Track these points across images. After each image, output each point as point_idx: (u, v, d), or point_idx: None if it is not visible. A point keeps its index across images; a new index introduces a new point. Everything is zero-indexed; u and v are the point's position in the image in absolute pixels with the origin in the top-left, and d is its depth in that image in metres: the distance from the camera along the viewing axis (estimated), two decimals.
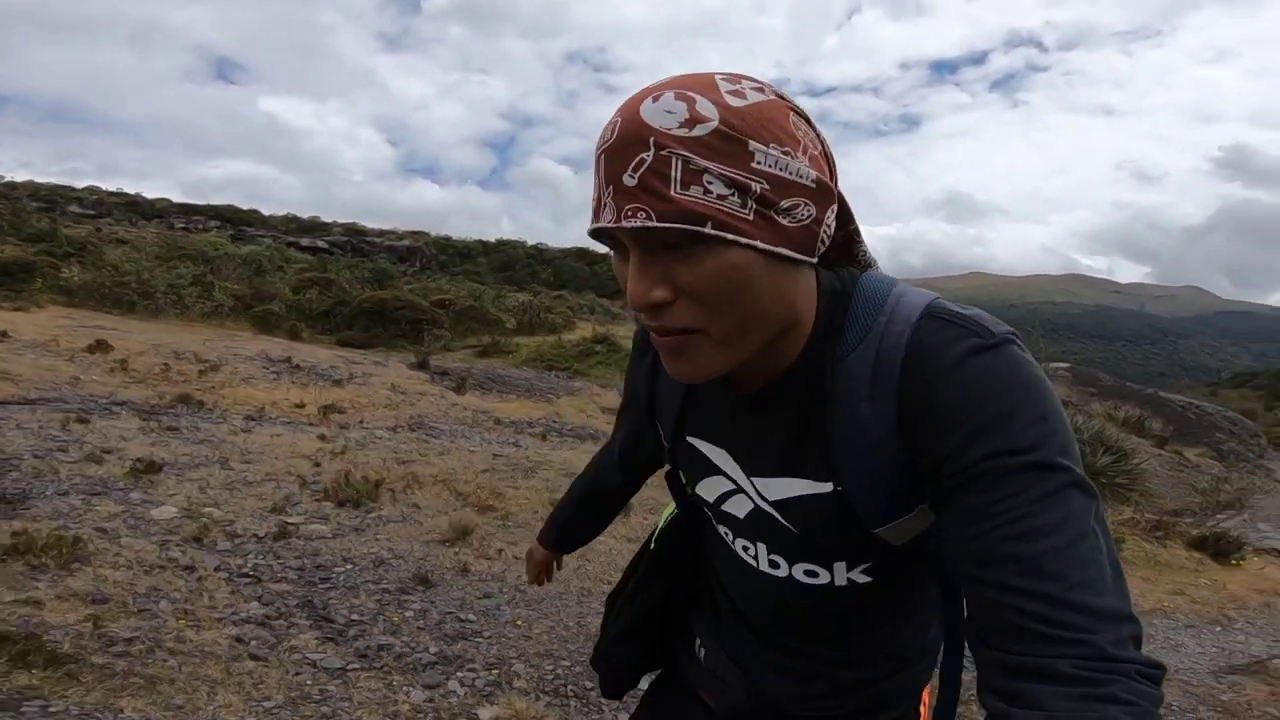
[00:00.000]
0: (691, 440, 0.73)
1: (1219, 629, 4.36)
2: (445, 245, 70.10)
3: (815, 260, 0.58)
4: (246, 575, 2.61)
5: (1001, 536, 0.51)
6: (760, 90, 0.55)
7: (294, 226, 63.47)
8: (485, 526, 3.81)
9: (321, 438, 5.43)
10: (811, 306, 0.61)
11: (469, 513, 4.03)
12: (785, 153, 0.54)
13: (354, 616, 2.44)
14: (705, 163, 0.51)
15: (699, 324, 0.55)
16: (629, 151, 0.52)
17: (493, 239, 74.85)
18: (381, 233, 67.39)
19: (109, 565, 2.41)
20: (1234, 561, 5.90)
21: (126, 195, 59.29)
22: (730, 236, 0.52)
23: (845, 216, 0.64)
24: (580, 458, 6.61)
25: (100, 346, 7.61)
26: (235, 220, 58.97)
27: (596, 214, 0.55)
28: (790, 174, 0.54)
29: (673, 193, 0.51)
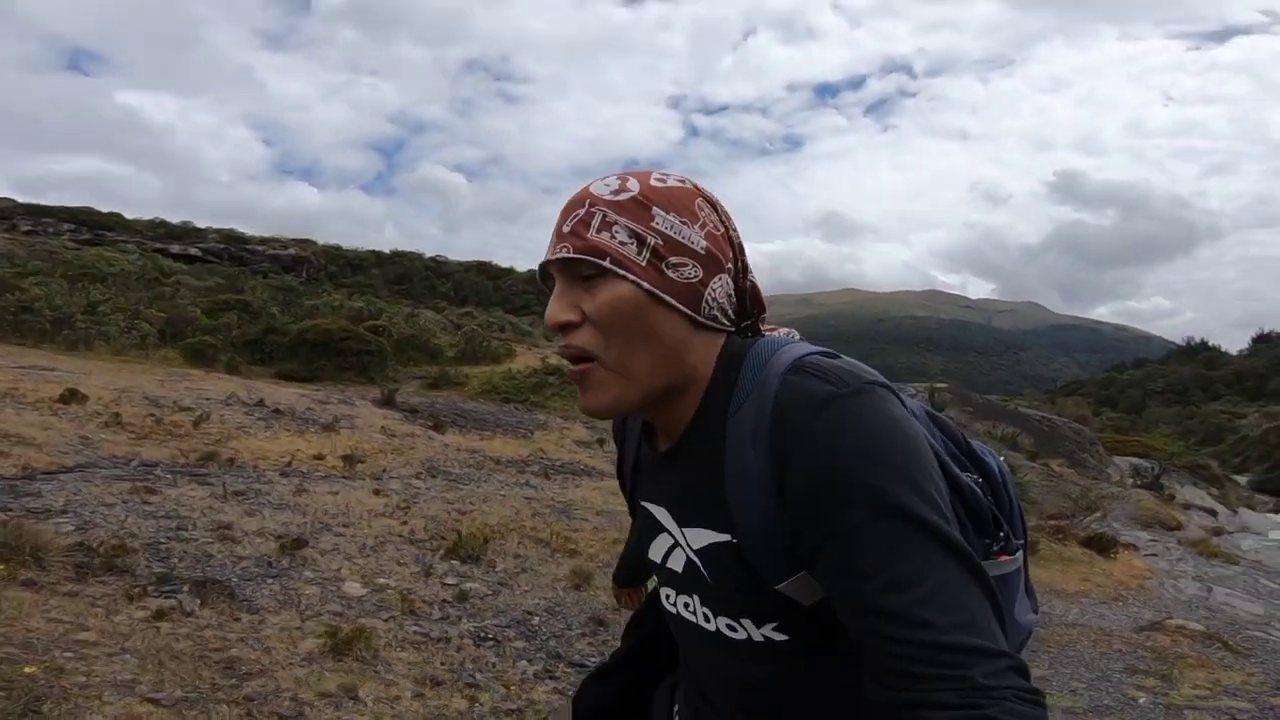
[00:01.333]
0: (643, 504, 0.79)
1: (1120, 603, 5.80)
2: (335, 255, 66.09)
3: (699, 317, 0.66)
4: (486, 638, 3.03)
5: (871, 590, 0.54)
6: (683, 183, 0.69)
7: (162, 232, 57.61)
8: (586, 569, 4.33)
9: (375, 493, 5.67)
10: (709, 368, 0.68)
11: (566, 559, 4.54)
12: (683, 222, 0.66)
13: (593, 658, 2.94)
14: (616, 216, 0.65)
15: (595, 349, 0.65)
16: (572, 209, 0.67)
17: (387, 249, 71.43)
18: (263, 240, 62.52)
19: (389, 648, 2.75)
20: (1111, 555, 7.42)
21: None
22: (621, 272, 0.63)
23: (758, 303, 0.73)
24: (589, 494, 7.15)
25: (74, 396, 7.25)
26: (92, 224, 52.77)
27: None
28: (682, 238, 0.66)
29: (589, 235, 0.64)
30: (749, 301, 0.72)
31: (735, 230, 0.71)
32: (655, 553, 0.78)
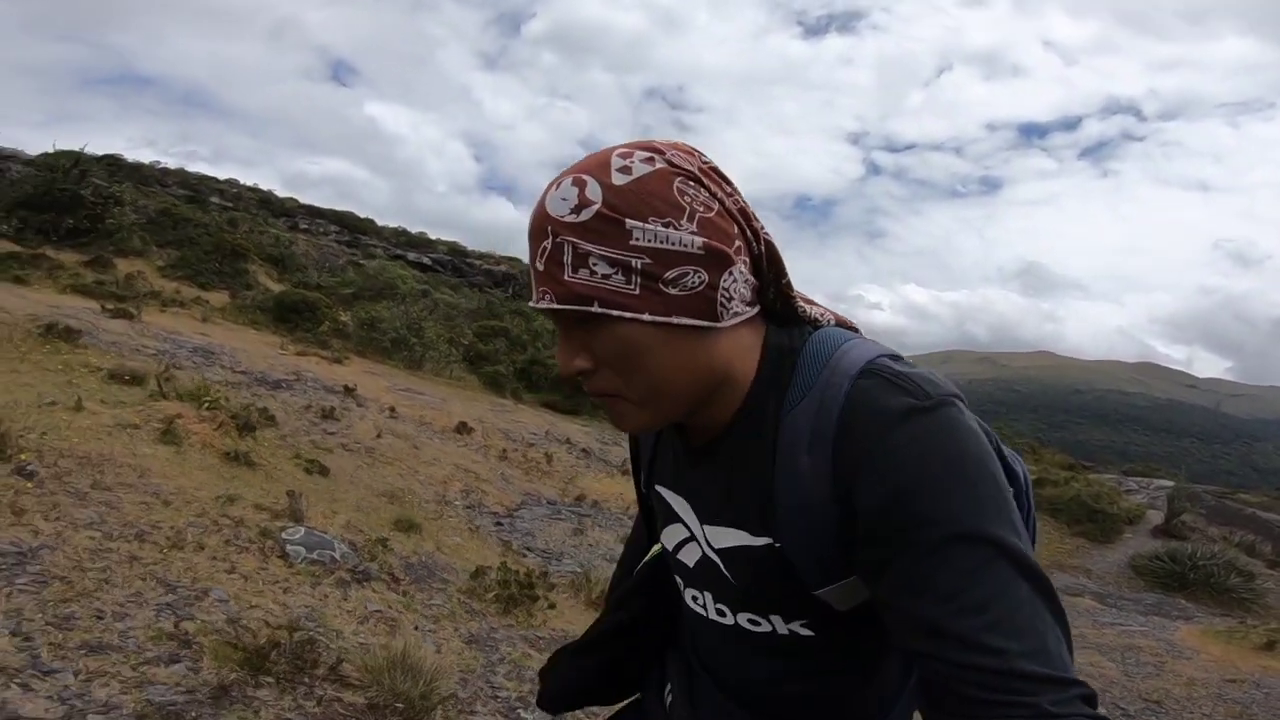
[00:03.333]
0: (659, 488, 0.78)
1: None
2: None
3: (720, 323, 0.61)
4: None
5: (941, 613, 0.52)
6: (650, 161, 0.59)
7: (403, 240, 66.05)
8: None
9: None
10: (748, 364, 0.64)
11: None
12: (667, 224, 0.58)
13: None
14: (589, 247, 0.57)
15: (616, 389, 0.62)
16: (537, 239, 0.60)
17: None
18: (480, 255, 69.92)
19: None
20: None
21: (260, 191, 62.23)
22: (615, 313, 0.58)
23: (777, 269, 0.65)
24: None
25: (464, 428, 9.61)
26: (352, 227, 61.59)
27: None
28: (673, 244, 0.58)
29: (565, 277, 0.58)
30: (765, 266, 0.65)
31: (731, 191, 0.63)
32: (669, 540, 0.78)
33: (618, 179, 0.58)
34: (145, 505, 3.00)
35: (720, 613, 0.73)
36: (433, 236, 69.56)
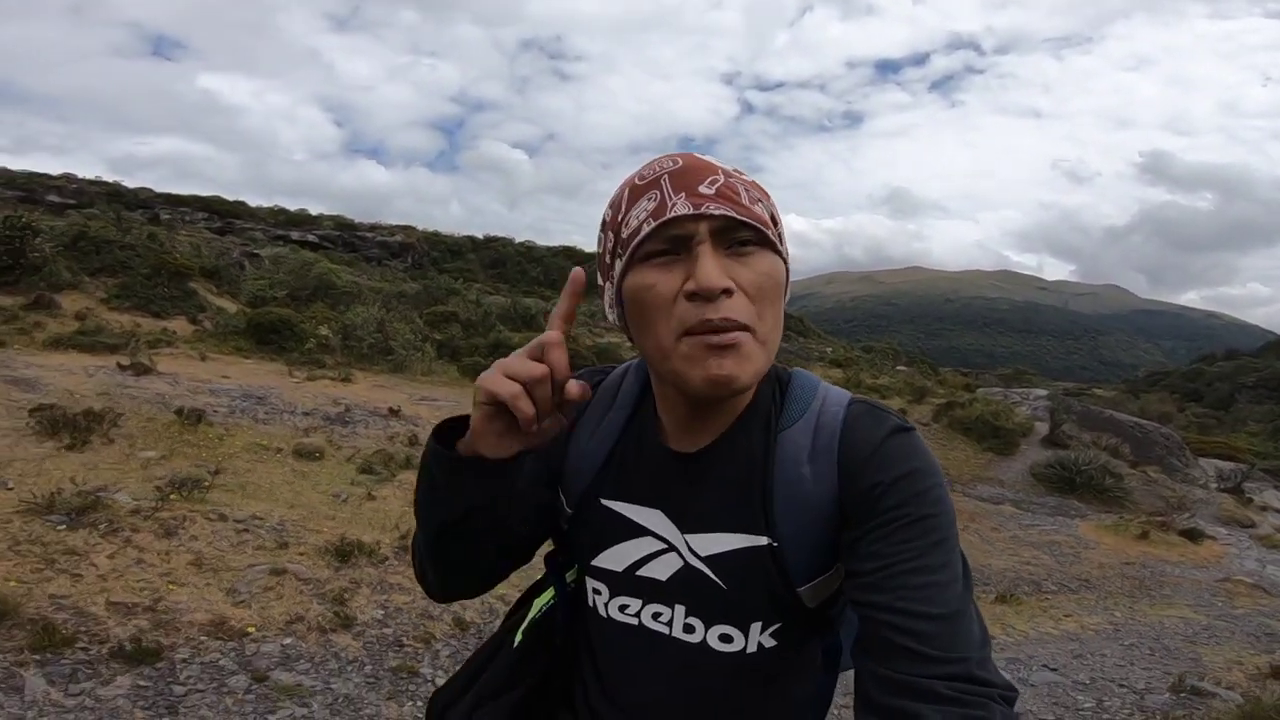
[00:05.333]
0: (609, 504, 0.78)
1: (1205, 569, 8.36)
2: (436, 241, 68.98)
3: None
4: None
5: (898, 570, 0.65)
6: None
7: (282, 219, 60.74)
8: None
9: None
10: None
11: None
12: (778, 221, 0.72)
13: None
14: (759, 195, 0.70)
15: (749, 320, 0.66)
16: (701, 174, 0.67)
17: (481, 234, 74.10)
18: (372, 227, 65.71)
19: None
20: (1199, 542, 9.80)
21: (106, 184, 54.81)
22: (778, 245, 0.70)
23: None
24: None
25: None
26: (222, 212, 56.20)
27: (661, 213, 0.66)
28: (784, 228, 0.73)
29: (747, 203, 0.67)
30: None
31: None
32: (615, 560, 0.78)
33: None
34: None
35: (689, 629, 0.75)
36: (314, 212, 63.94)
